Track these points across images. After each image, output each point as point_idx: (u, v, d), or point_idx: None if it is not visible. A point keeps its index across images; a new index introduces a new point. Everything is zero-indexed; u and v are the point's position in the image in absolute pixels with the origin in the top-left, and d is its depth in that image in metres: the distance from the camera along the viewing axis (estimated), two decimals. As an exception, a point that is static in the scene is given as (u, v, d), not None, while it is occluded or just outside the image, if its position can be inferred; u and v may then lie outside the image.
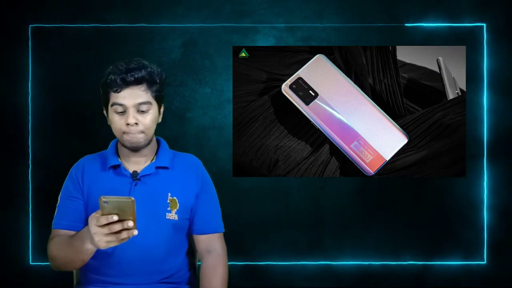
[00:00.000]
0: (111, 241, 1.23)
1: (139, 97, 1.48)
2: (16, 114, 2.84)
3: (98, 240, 1.23)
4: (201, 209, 1.58)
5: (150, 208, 1.51)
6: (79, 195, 1.54)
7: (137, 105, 1.48)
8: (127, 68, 1.48)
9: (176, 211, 1.54)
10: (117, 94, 1.48)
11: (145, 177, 1.54)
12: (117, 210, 1.20)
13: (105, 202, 1.19)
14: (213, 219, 1.60)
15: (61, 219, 1.53)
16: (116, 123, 1.50)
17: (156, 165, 1.56)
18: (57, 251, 1.46)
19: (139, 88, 1.49)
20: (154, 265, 1.52)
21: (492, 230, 2.87)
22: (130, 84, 1.47)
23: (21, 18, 2.84)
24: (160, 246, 1.52)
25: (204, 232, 1.58)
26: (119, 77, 1.47)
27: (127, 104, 1.47)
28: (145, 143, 1.53)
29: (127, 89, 1.48)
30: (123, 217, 1.20)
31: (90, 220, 1.25)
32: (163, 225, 1.52)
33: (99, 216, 1.22)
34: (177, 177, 1.57)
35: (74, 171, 1.58)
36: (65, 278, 1.83)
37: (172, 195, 1.55)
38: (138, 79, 1.48)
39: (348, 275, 2.88)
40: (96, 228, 1.23)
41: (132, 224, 1.20)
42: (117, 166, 1.55)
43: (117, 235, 1.22)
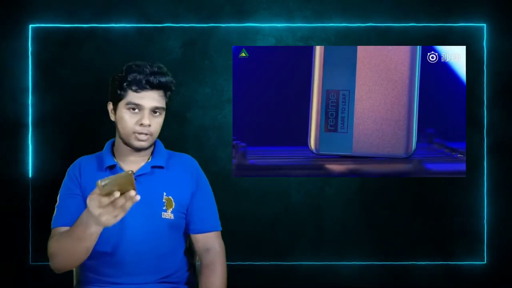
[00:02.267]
0: (117, 214, 1.22)
1: (156, 101, 1.52)
2: (16, 114, 2.85)
3: (105, 219, 1.21)
4: (197, 208, 1.59)
5: (146, 207, 1.52)
6: (78, 190, 1.55)
7: (153, 108, 1.52)
8: (152, 71, 1.52)
9: (172, 210, 1.55)
10: (136, 94, 1.50)
11: (140, 177, 1.56)
12: (117, 187, 1.19)
13: (103, 185, 1.18)
14: (209, 218, 1.61)
15: (62, 217, 1.52)
16: (127, 121, 1.51)
17: (151, 165, 1.58)
18: (58, 246, 1.43)
19: (158, 93, 1.53)
20: (152, 264, 1.52)
21: (492, 230, 2.87)
22: (153, 87, 1.51)
23: (21, 18, 2.84)
24: (157, 245, 1.53)
25: (201, 231, 1.59)
26: (144, 79, 1.50)
27: (144, 105, 1.50)
28: (149, 145, 1.55)
29: (148, 91, 1.51)
30: (123, 191, 1.20)
31: (89, 204, 1.22)
32: (159, 224, 1.53)
33: (100, 197, 1.20)
34: (172, 177, 1.59)
35: (71, 170, 1.60)
36: (65, 278, 1.84)
37: (168, 194, 1.56)
38: (161, 84, 1.52)
39: (348, 275, 2.88)
40: (100, 210, 1.20)
41: (134, 193, 1.20)
42: (113, 166, 1.57)
43: (122, 207, 1.21)
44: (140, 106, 1.49)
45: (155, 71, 1.52)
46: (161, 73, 1.53)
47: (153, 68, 1.52)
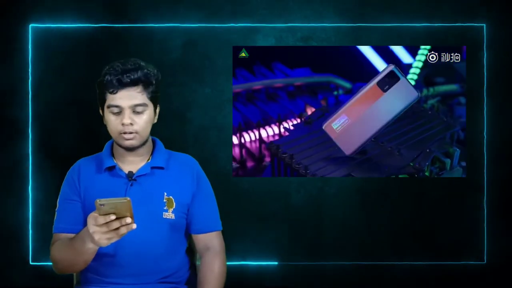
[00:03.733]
0: (111, 237, 1.25)
1: (134, 99, 1.48)
2: (16, 114, 2.85)
3: (98, 238, 1.25)
4: (198, 208, 1.58)
5: (147, 208, 1.51)
6: (77, 197, 1.54)
7: (133, 107, 1.49)
8: (123, 69, 1.48)
9: (173, 210, 1.54)
10: (113, 95, 1.48)
11: (140, 177, 1.54)
12: (114, 209, 1.21)
13: (101, 204, 1.20)
14: (210, 217, 1.61)
15: (61, 223, 1.54)
16: (112, 123, 1.50)
17: (151, 165, 1.56)
18: (59, 255, 1.47)
19: (135, 90, 1.49)
20: (153, 265, 1.52)
21: (492, 230, 2.87)
22: (126, 85, 1.47)
23: (21, 18, 2.84)
24: (158, 245, 1.52)
25: (202, 231, 1.59)
26: (115, 78, 1.47)
27: (122, 105, 1.48)
28: (139, 144, 1.53)
29: (123, 90, 1.48)
30: (120, 215, 1.22)
31: (88, 220, 1.26)
32: (160, 224, 1.53)
33: (96, 215, 1.23)
34: (172, 177, 1.57)
35: (70, 174, 1.58)
36: (65, 278, 1.84)
37: (168, 195, 1.55)
38: (134, 80, 1.48)
39: (348, 275, 2.88)
40: (95, 228, 1.24)
41: (130, 220, 1.22)
42: (112, 167, 1.55)
43: (116, 231, 1.24)
44: (120, 107, 1.47)
45: (127, 69, 1.47)
46: (134, 69, 1.47)
47: (125, 66, 1.48)
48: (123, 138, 1.50)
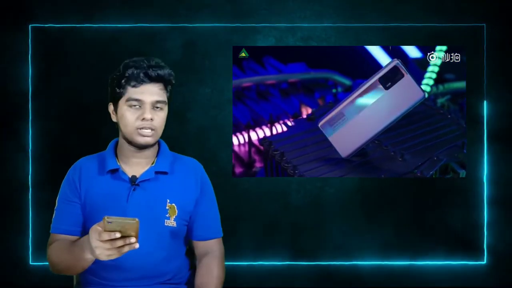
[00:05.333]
0: (112, 254, 1.24)
1: (157, 95, 1.48)
2: (16, 114, 2.84)
3: (99, 253, 1.25)
4: (200, 215, 1.56)
5: (149, 214, 1.49)
6: (76, 198, 1.52)
7: (154, 102, 1.47)
8: (149, 65, 1.48)
9: (175, 217, 1.52)
10: (135, 89, 1.46)
11: (144, 183, 1.51)
12: (120, 228, 1.21)
13: (108, 222, 1.20)
14: (212, 225, 1.58)
15: (59, 224, 1.52)
16: (128, 118, 1.47)
17: (155, 170, 1.53)
18: (57, 258, 1.46)
19: (158, 86, 1.49)
20: (153, 270, 1.51)
21: (492, 230, 2.87)
22: (152, 80, 1.47)
23: (21, 18, 2.84)
24: (158, 252, 1.51)
25: (203, 238, 1.57)
26: (142, 72, 1.46)
27: (145, 100, 1.46)
28: (154, 142, 1.51)
29: (147, 85, 1.47)
30: (125, 234, 1.22)
31: (91, 233, 1.24)
32: (161, 231, 1.50)
33: (101, 231, 1.22)
34: (176, 183, 1.55)
35: (71, 173, 1.55)
36: (65, 278, 1.83)
37: (171, 202, 1.52)
38: (159, 76, 1.48)
39: (348, 275, 2.88)
40: (98, 243, 1.23)
41: (134, 240, 1.22)
42: (115, 170, 1.52)
43: (118, 249, 1.23)
44: (141, 102, 1.45)
45: (152, 65, 1.48)
46: (159, 66, 1.48)
47: (150, 62, 1.48)
48: (140, 134, 1.47)
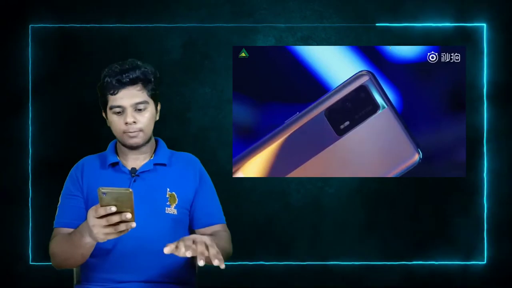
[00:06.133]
0: (109, 233, 1.24)
1: (135, 97, 1.52)
2: (16, 114, 2.85)
3: (96, 232, 1.25)
4: (201, 204, 1.61)
5: (149, 203, 1.54)
6: (79, 193, 1.57)
7: (135, 105, 1.52)
8: (122, 69, 1.52)
9: (175, 205, 1.57)
10: (114, 96, 1.52)
11: (143, 173, 1.57)
12: (115, 201, 1.21)
13: (103, 193, 1.20)
14: (214, 212, 1.64)
15: (62, 218, 1.56)
16: (115, 123, 1.54)
17: (154, 162, 1.59)
18: (57, 248, 1.49)
19: (135, 88, 1.53)
20: (155, 260, 1.53)
21: (492, 230, 2.87)
22: (126, 85, 1.51)
23: (21, 18, 2.84)
24: (160, 240, 1.52)
25: (207, 224, 1.62)
26: (114, 79, 1.51)
27: (124, 105, 1.52)
28: (143, 141, 1.57)
29: (123, 90, 1.51)
30: (121, 208, 1.22)
31: (89, 213, 1.26)
32: (162, 219, 1.55)
33: (97, 207, 1.24)
34: (175, 173, 1.60)
35: (74, 171, 1.61)
36: (65, 277, 1.84)
37: (171, 190, 1.58)
38: (133, 79, 1.52)
39: (348, 275, 2.88)
40: (95, 220, 1.24)
41: (130, 216, 1.22)
42: (115, 163, 1.59)
43: (115, 227, 1.24)
44: (121, 107, 1.51)
45: (125, 69, 1.52)
46: (132, 68, 1.52)
47: (123, 66, 1.52)
48: (128, 137, 1.53)
